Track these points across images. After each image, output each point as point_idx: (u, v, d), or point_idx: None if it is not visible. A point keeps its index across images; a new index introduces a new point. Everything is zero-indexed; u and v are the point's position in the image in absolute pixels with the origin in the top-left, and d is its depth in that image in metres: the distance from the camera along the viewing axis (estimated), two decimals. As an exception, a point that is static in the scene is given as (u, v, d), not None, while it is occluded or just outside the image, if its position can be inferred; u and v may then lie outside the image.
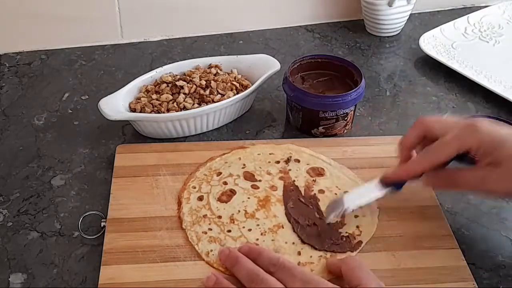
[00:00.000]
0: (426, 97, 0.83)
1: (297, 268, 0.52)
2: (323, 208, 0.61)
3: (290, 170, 0.66)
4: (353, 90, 0.71)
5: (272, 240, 0.58)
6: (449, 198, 0.65)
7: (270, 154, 0.68)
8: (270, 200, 0.62)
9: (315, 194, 0.63)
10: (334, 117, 0.71)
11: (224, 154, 0.68)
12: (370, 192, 0.60)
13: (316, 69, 0.77)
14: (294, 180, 0.65)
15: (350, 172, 0.66)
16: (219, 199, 0.62)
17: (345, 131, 0.74)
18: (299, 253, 0.57)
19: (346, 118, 0.72)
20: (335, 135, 0.73)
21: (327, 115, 0.70)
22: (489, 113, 0.79)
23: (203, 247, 0.57)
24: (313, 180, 0.65)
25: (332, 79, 0.76)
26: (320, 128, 0.72)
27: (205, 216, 0.61)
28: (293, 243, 0.58)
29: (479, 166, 0.54)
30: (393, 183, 0.59)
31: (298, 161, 0.68)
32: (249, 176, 0.65)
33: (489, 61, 0.89)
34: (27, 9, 0.87)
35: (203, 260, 0.56)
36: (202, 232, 0.59)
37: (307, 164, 0.67)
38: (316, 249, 0.57)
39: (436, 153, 0.55)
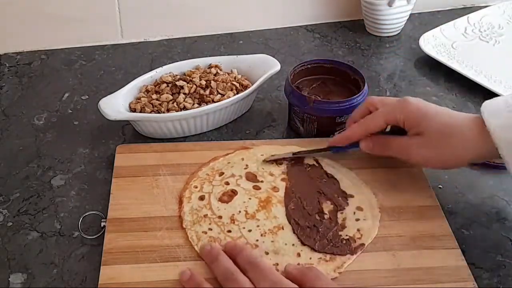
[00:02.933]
0: (426, 97, 0.83)
1: (270, 270, 0.53)
2: (325, 210, 0.62)
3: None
4: (363, 88, 0.71)
5: (272, 241, 0.58)
6: (449, 198, 0.65)
7: (273, 155, 0.68)
8: (271, 201, 0.62)
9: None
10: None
11: (227, 154, 0.68)
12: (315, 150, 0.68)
13: (306, 76, 0.76)
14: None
15: (353, 175, 0.66)
16: (220, 199, 0.62)
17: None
18: (298, 255, 0.57)
19: None
20: None
21: (343, 119, 0.70)
22: (489, 113, 0.79)
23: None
24: None
25: (324, 83, 0.76)
26: (336, 133, 0.72)
27: (205, 216, 0.61)
28: (293, 244, 0.58)
29: (406, 136, 0.61)
30: (336, 147, 0.67)
31: (302, 163, 0.68)
32: (251, 177, 0.65)
33: (489, 61, 0.89)
34: (27, 9, 0.87)
35: (203, 260, 0.56)
36: (202, 232, 0.59)
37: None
38: (315, 251, 0.57)
39: (368, 122, 0.63)
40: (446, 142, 0.58)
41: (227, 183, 0.64)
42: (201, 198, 0.63)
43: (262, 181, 0.65)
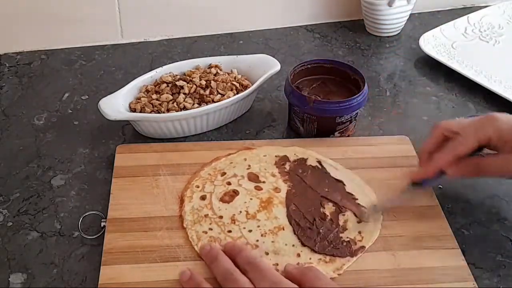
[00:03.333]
0: (426, 97, 0.83)
1: (270, 270, 0.53)
2: (327, 212, 0.62)
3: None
4: (363, 88, 0.70)
5: (272, 241, 0.58)
6: (449, 198, 0.65)
7: (276, 156, 0.68)
8: (272, 202, 0.62)
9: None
10: (349, 119, 0.71)
11: (229, 154, 0.68)
12: (403, 195, 0.62)
13: (306, 76, 0.76)
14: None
15: (357, 178, 0.66)
16: (222, 199, 0.62)
17: (354, 131, 0.74)
18: (298, 255, 0.57)
19: (356, 118, 0.72)
20: (347, 137, 0.73)
21: (343, 119, 0.70)
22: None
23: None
24: None
25: (324, 83, 0.76)
26: (336, 133, 0.72)
27: (206, 215, 0.61)
28: (293, 245, 0.58)
29: (501, 153, 0.57)
30: (422, 181, 0.61)
31: (305, 164, 0.68)
32: (253, 177, 0.65)
33: (489, 61, 0.89)
34: (27, 9, 0.87)
35: (203, 260, 0.56)
36: (203, 232, 0.59)
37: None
38: (315, 252, 0.57)
39: (458, 145, 0.57)
40: None
41: (229, 183, 0.64)
42: (203, 197, 0.63)
43: (264, 182, 0.65)
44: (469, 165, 0.58)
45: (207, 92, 0.73)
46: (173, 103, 0.72)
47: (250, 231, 0.59)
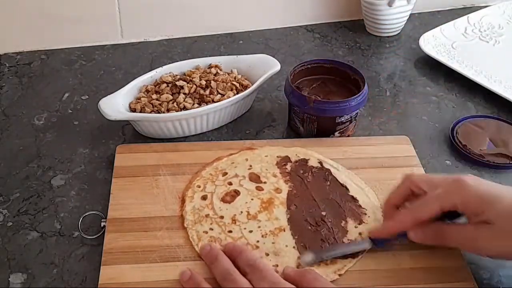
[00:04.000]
0: (426, 97, 0.83)
1: (269, 271, 0.53)
2: (327, 213, 0.61)
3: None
4: (363, 88, 0.71)
5: (273, 242, 0.58)
6: (449, 198, 0.65)
7: (277, 156, 0.68)
8: (273, 203, 0.62)
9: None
10: (349, 119, 0.71)
11: (231, 154, 0.68)
12: (354, 246, 0.57)
13: (306, 76, 0.76)
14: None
15: (357, 178, 0.66)
16: (223, 199, 0.62)
17: (354, 131, 0.74)
18: (299, 257, 0.57)
19: (356, 118, 0.73)
20: (347, 137, 0.73)
21: (343, 119, 0.70)
22: (489, 113, 0.79)
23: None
24: None
25: (324, 83, 0.76)
26: (336, 133, 0.72)
27: (207, 215, 0.61)
28: (294, 246, 0.58)
29: (470, 224, 0.52)
30: (380, 239, 0.57)
31: (306, 164, 0.68)
32: (255, 178, 0.65)
33: (489, 61, 0.89)
34: (27, 9, 0.87)
35: (203, 260, 0.56)
36: (203, 232, 0.59)
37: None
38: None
39: (419, 210, 0.54)
40: None
41: (230, 183, 0.64)
42: (204, 197, 0.63)
43: (265, 182, 0.65)
44: (432, 231, 0.54)
45: (207, 92, 0.73)
46: (173, 103, 0.72)
47: (250, 231, 0.59)
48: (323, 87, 0.75)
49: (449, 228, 0.54)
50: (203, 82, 0.74)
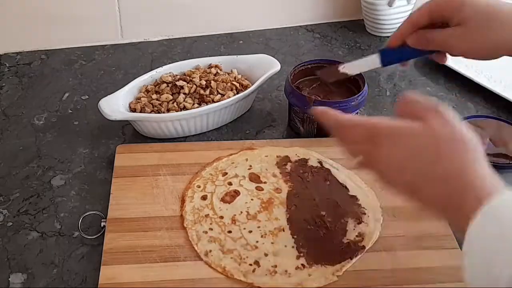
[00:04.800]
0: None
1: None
2: (327, 213, 0.61)
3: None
4: (363, 88, 0.71)
5: (272, 243, 0.58)
6: (449, 198, 0.65)
7: (277, 156, 0.68)
8: (273, 203, 0.62)
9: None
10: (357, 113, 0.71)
11: (231, 154, 0.68)
12: (369, 63, 0.63)
13: (306, 76, 0.76)
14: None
15: (357, 178, 0.66)
16: (223, 200, 0.62)
17: None
18: (298, 257, 0.57)
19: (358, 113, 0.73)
20: None
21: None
22: (489, 113, 0.79)
23: (202, 247, 0.57)
24: None
25: (324, 83, 0.76)
26: None
27: (207, 215, 0.61)
28: (293, 246, 0.58)
29: (448, 27, 0.58)
30: (388, 52, 0.62)
31: (306, 164, 0.68)
32: (255, 178, 0.65)
33: (489, 61, 0.88)
34: (27, 9, 0.87)
35: (203, 260, 0.56)
36: (203, 232, 0.59)
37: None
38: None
39: (412, 14, 0.60)
40: (487, 34, 0.56)
41: (230, 184, 0.64)
42: (204, 197, 0.63)
43: (265, 182, 0.65)
44: (420, 35, 0.60)
45: (207, 92, 0.73)
46: (173, 103, 0.72)
47: (250, 231, 0.59)
48: (323, 87, 0.75)
49: (434, 32, 0.59)
50: (203, 82, 0.74)
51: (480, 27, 0.56)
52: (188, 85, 0.74)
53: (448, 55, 0.62)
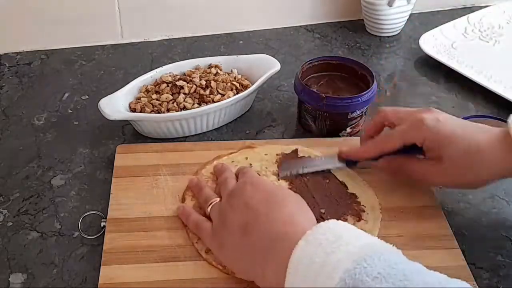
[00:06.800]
0: (426, 97, 0.83)
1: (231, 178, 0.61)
2: (326, 212, 0.61)
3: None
4: (373, 82, 0.71)
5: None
6: (449, 198, 0.65)
7: (277, 155, 0.68)
8: None
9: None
10: (360, 114, 0.72)
11: (231, 153, 0.68)
12: (327, 163, 0.66)
13: (313, 73, 0.76)
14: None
15: (357, 177, 0.66)
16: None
17: (363, 126, 0.75)
18: None
19: (366, 113, 0.73)
20: (358, 132, 0.74)
21: (355, 114, 0.70)
22: (489, 113, 0.79)
23: (202, 245, 0.57)
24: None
25: (332, 79, 0.76)
26: (348, 129, 0.72)
27: (206, 215, 0.61)
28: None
29: (425, 159, 0.59)
30: (347, 160, 0.65)
31: None
32: None
33: (489, 61, 0.88)
34: (27, 9, 0.87)
35: (203, 259, 0.56)
36: (203, 231, 0.59)
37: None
38: None
39: (384, 142, 0.61)
40: (470, 170, 0.56)
41: (230, 182, 0.64)
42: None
43: None
44: (394, 164, 0.61)
45: (207, 92, 0.73)
46: (173, 103, 0.72)
47: (250, 231, 0.59)
48: (331, 84, 0.75)
49: (409, 163, 0.60)
50: (203, 82, 0.74)
51: (460, 167, 0.56)
52: (188, 85, 0.74)
53: None
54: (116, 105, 0.70)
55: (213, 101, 0.72)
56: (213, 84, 0.74)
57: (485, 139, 0.55)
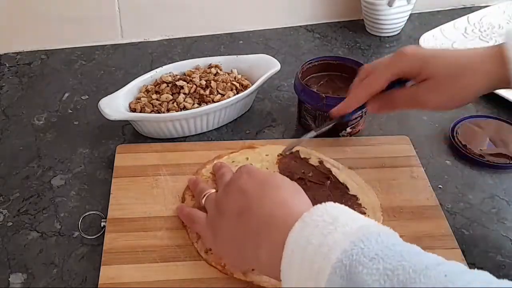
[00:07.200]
0: (426, 97, 0.83)
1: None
2: None
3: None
4: None
5: (272, 240, 0.58)
6: (449, 198, 0.65)
7: (278, 155, 0.68)
8: None
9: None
10: (360, 114, 0.71)
11: (232, 153, 0.68)
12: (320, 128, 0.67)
13: (313, 73, 0.76)
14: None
15: (358, 178, 0.66)
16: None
17: (364, 126, 0.75)
18: None
19: (366, 113, 0.73)
20: (358, 132, 0.74)
21: (355, 114, 0.70)
22: (489, 113, 0.79)
23: (202, 245, 0.57)
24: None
25: (332, 79, 0.76)
26: (348, 128, 0.72)
27: (207, 214, 0.61)
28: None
29: (413, 85, 0.59)
30: (340, 116, 0.65)
31: (307, 163, 0.67)
32: None
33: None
34: (27, 9, 0.87)
35: (203, 259, 0.56)
36: (203, 231, 0.59)
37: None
38: None
39: (370, 82, 0.61)
40: (456, 82, 0.57)
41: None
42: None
43: None
44: (383, 100, 0.61)
45: (207, 92, 0.73)
46: (173, 103, 0.72)
47: (250, 231, 0.59)
48: (331, 84, 0.75)
49: (397, 92, 0.60)
50: (203, 82, 0.74)
51: (452, 76, 0.57)
52: (188, 85, 0.74)
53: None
54: (116, 105, 0.70)
55: (213, 101, 0.72)
56: (213, 84, 0.74)
57: (476, 53, 0.58)
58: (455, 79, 0.57)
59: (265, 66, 0.77)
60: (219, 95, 0.73)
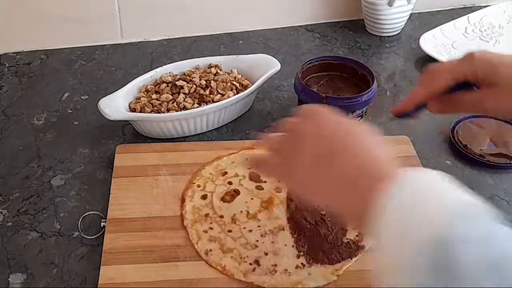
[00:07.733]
0: (426, 97, 0.83)
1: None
2: (327, 212, 0.61)
3: None
4: (373, 82, 0.71)
5: (272, 242, 0.58)
6: (449, 198, 0.65)
7: None
8: (273, 202, 0.62)
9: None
10: (360, 114, 0.72)
11: (232, 153, 0.68)
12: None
13: (313, 73, 0.76)
14: None
15: None
16: (223, 199, 0.62)
17: None
18: (298, 256, 0.57)
19: (366, 113, 0.73)
20: None
21: (355, 114, 0.70)
22: (489, 113, 0.79)
23: (202, 246, 0.57)
24: None
25: (332, 79, 0.76)
26: None
27: (207, 215, 0.61)
28: (293, 245, 0.58)
29: (479, 89, 0.57)
30: (401, 114, 0.62)
31: None
32: (255, 177, 0.65)
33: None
34: (27, 9, 0.87)
35: (202, 259, 0.56)
36: (203, 231, 0.59)
37: None
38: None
39: (430, 83, 0.58)
40: None
41: (230, 183, 0.64)
42: (204, 197, 0.63)
43: (265, 182, 0.65)
44: (445, 101, 0.59)
45: (207, 92, 0.73)
46: (173, 103, 0.72)
47: (250, 231, 0.59)
48: (331, 84, 0.75)
49: (461, 95, 0.57)
50: (203, 82, 0.74)
51: None
52: (188, 85, 0.74)
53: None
54: (116, 105, 0.70)
55: (213, 101, 0.72)
56: (213, 84, 0.74)
57: None
58: None
59: (265, 66, 0.77)
60: (219, 95, 0.73)
